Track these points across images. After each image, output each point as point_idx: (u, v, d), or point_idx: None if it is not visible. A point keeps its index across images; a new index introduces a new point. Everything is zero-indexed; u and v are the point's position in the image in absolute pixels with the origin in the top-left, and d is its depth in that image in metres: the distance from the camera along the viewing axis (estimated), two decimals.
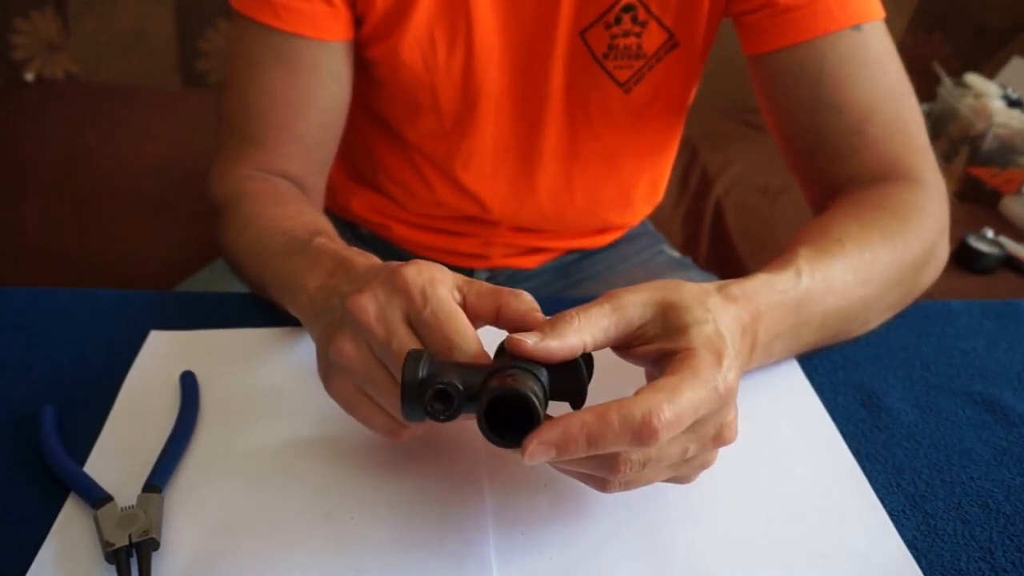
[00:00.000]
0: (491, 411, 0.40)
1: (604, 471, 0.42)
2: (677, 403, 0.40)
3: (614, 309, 0.45)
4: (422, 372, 0.41)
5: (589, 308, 0.44)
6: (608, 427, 0.39)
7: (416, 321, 0.45)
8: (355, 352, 0.46)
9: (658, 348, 0.45)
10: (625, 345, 0.46)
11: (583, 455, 0.40)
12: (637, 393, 0.40)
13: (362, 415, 0.48)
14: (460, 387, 0.41)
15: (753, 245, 1.44)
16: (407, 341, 0.44)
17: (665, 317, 0.45)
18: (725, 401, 0.43)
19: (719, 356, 0.43)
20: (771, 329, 0.52)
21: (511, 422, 0.40)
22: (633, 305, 0.45)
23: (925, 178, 0.68)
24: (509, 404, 0.40)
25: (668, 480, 0.45)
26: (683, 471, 0.45)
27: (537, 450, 0.39)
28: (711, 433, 0.44)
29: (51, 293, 0.68)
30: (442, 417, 0.41)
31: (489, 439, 0.40)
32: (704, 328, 0.44)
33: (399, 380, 0.42)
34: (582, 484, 0.45)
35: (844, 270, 0.57)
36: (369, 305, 0.45)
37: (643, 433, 0.39)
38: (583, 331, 0.43)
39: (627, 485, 0.43)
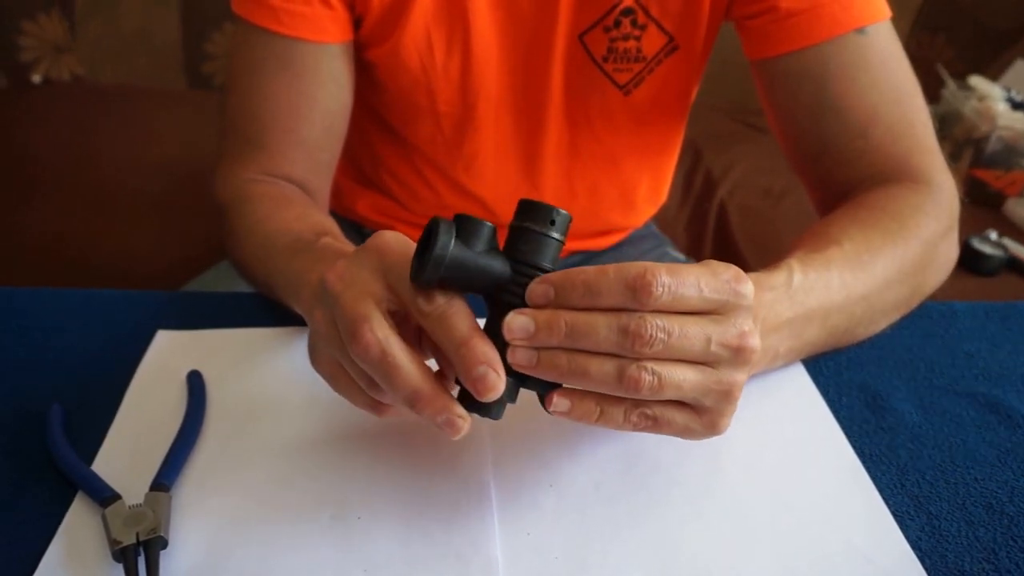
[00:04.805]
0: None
1: (626, 341, 0.40)
2: (675, 269, 0.41)
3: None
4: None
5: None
6: (603, 275, 0.41)
7: (390, 271, 0.44)
8: (322, 317, 0.45)
9: None
10: None
11: (581, 303, 0.41)
12: None
13: (342, 388, 0.47)
14: (449, 233, 0.40)
15: (757, 247, 1.44)
16: (360, 299, 0.42)
17: None
18: (736, 297, 0.42)
19: (728, 265, 0.43)
20: (768, 322, 0.52)
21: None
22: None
23: (933, 179, 0.68)
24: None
25: (698, 412, 0.44)
26: (710, 384, 0.43)
27: (538, 289, 0.42)
28: (731, 331, 0.42)
29: (58, 293, 0.68)
30: (429, 264, 0.40)
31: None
32: None
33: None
34: (587, 484, 0.44)
35: (843, 269, 0.57)
36: (339, 266, 0.45)
37: (637, 283, 0.40)
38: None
39: (658, 384, 0.41)
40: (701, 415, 0.44)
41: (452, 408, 0.42)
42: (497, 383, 0.41)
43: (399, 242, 0.44)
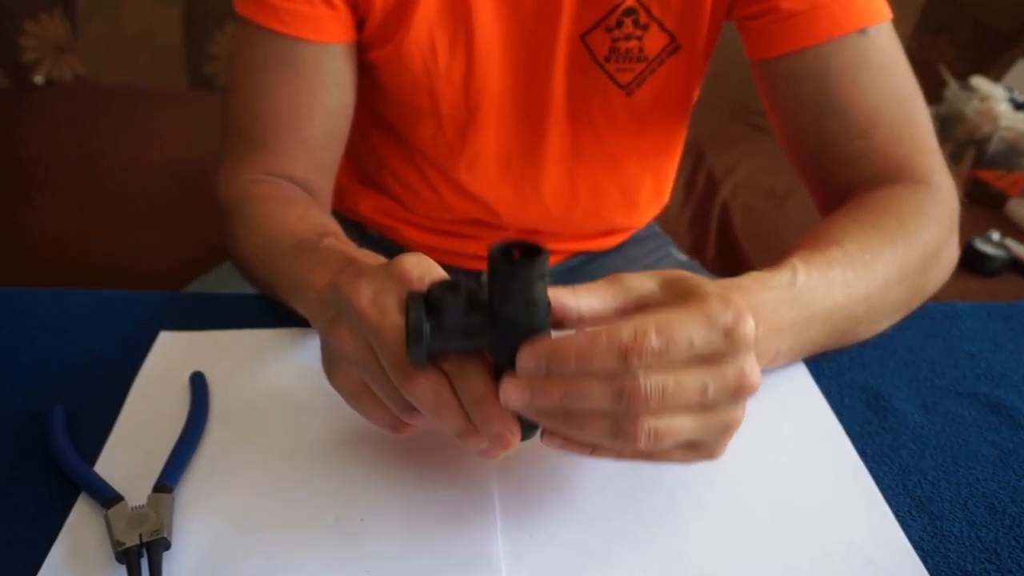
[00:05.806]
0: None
1: (621, 404, 0.40)
2: (666, 327, 0.40)
3: (614, 282, 0.44)
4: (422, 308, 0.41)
5: (589, 283, 0.44)
6: (595, 342, 0.39)
7: None
8: (351, 338, 0.45)
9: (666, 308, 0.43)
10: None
11: (574, 371, 0.40)
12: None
13: (364, 408, 0.47)
14: (448, 300, 0.40)
15: (760, 247, 1.44)
16: (398, 325, 0.43)
17: (672, 285, 0.44)
18: (733, 343, 0.41)
19: (727, 301, 0.41)
20: (770, 322, 0.52)
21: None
22: (636, 279, 0.45)
23: (933, 180, 0.68)
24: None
25: (696, 447, 0.44)
26: (709, 425, 0.42)
27: (528, 365, 0.40)
28: (729, 374, 0.41)
29: (61, 294, 0.68)
30: (429, 329, 0.40)
31: (490, 262, 0.40)
32: (716, 287, 0.43)
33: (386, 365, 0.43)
34: (589, 487, 0.44)
35: (844, 269, 0.57)
36: (365, 289, 0.44)
37: (629, 349, 0.39)
38: (580, 297, 0.43)
39: (655, 437, 0.40)
40: (699, 449, 0.44)
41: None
42: (512, 440, 0.42)
43: (420, 269, 0.44)
